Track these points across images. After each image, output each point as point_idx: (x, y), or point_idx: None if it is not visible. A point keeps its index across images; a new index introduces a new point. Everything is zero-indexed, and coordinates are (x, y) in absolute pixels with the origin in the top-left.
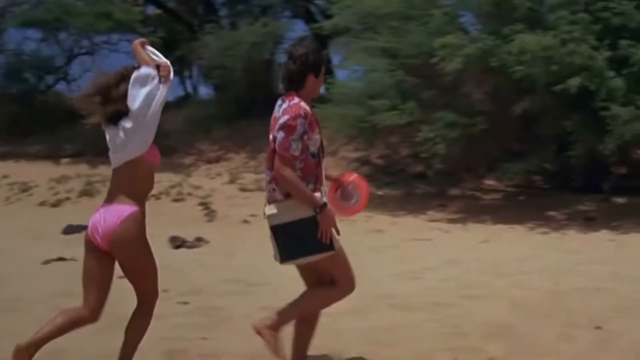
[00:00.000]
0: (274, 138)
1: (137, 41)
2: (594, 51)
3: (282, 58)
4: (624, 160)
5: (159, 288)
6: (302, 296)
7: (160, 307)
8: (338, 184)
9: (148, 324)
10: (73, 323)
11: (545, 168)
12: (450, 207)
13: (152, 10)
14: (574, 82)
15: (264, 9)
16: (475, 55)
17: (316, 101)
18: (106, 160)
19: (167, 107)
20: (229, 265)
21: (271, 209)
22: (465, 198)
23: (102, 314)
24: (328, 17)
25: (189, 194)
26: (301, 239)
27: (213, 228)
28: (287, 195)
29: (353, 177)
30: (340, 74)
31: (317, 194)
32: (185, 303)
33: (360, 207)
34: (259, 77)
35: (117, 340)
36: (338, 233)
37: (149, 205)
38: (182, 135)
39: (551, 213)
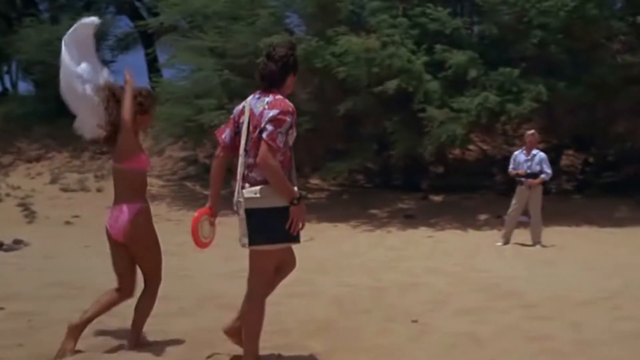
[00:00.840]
0: (261, 129)
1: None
2: (412, 55)
3: (107, 55)
4: (441, 160)
5: None
6: (243, 323)
7: None
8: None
9: (153, 303)
10: (113, 301)
11: (368, 167)
12: None
13: None
14: (392, 84)
15: (87, 4)
16: (300, 55)
17: None
18: None
19: None
20: (49, 268)
21: (250, 193)
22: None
23: (135, 290)
24: (154, 14)
25: (7, 195)
26: (273, 226)
27: (33, 230)
28: (266, 182)
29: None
30: (167, 73)
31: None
32: (1, 309)
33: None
34: None
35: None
36: (303, 227)
37: None
38: (0, 133)
39: (373, 211)
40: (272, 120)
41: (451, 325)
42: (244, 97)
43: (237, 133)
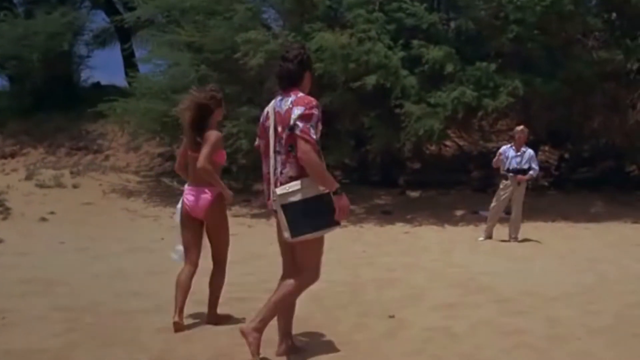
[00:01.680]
0: (292, 127)
1: None
2: (389, 50)
3: (82, 50)
4: (418, 155)
5: None
6: (276, 294)
7: None
8: None
9: (224, 277)
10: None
11: (345, 163)
12: (255, 202)
13: None
14: (371, 79)
15: None
16: (278, 51)
17: (119, 95)
18: None
19: None
20: (24, 265)
21: (283, 189)
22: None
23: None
24: (130, 8)
25: None
26: (310, 215)
27: (8, 226)
28: (298, 177)
29: None
30: (144, 68)
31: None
32: None
33: None
34: (58, 68)
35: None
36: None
37: None
38: None
39: (351, 207)
40: (301, 117)
41: (427, 320)
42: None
43: (266, 137)
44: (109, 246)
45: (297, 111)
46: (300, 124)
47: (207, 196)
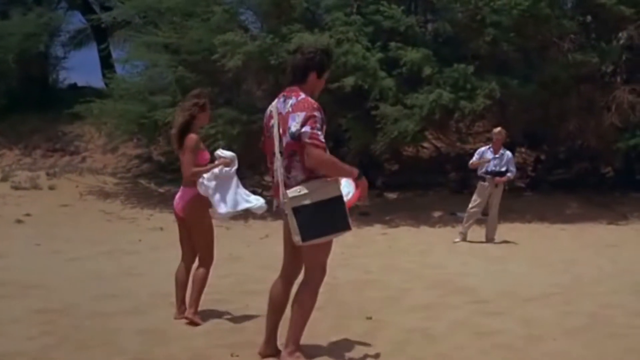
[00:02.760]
0: (299, 134)
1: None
2: (367, 52)
3: (58, 51)
4: (395, 157)
5: None
6: (294, 309)
7: None
8: None
9: (206, 277)
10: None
11: None
12: None
13: None
14: (349, 81)
15: None
16: (255, 52)
17: (95, 96)
18: None
19: None
20: None
21: (294, 192)
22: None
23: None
24: (107, 9)
25: None
26: (321, 219)
27: None
28: (306, 180)
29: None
30: (121, 69)
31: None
32: None
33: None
34: (34, 69)
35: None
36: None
37: None
38: None
39: None
40: (305, 122)
41: (405, 321)
42: None
43: (268, 137)
44: (85, 248)
45: (298, 117)
46: (306, 130)
47: (187, 195)
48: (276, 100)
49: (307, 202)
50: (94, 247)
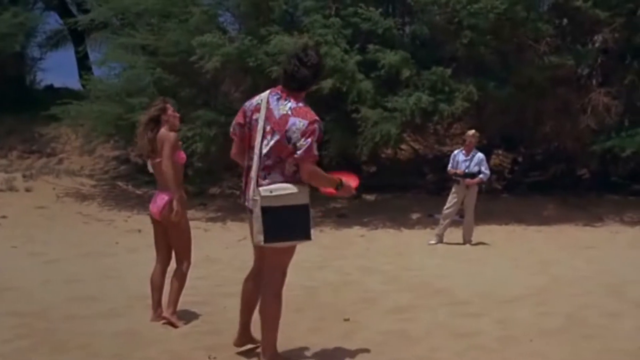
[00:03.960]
0: (295, 143)
1: None
2: (345, 54)
3: (35, 52)
4: (373, 159)
5: None
6: (262, 315)
7: None
8: None
9: (184, 280)
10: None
11: None
12: (211, 206)
13: None
14: (327, 83)
15: None
16: (233, 54)
17: (72, 98)
18: None
19: None
20: None
21: (267, 191)
22: (225, 197)
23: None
24: (84, 10)
25: None
26: (288, 223)
27: None
28: (281, 182)
29: None
30: (98, 71)
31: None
32: None
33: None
34: (9, 70)
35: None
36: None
37: None
38: None
39: None
40: (305, 134)
41: (382, 323)
42: (176, 96)
43: (248, 128)
44: (62, 250)
45: (298, 124)
46: (305, 143)
47: (162, 199)
48: (268, 93)
49: (276, 204)
50: (70, 249)
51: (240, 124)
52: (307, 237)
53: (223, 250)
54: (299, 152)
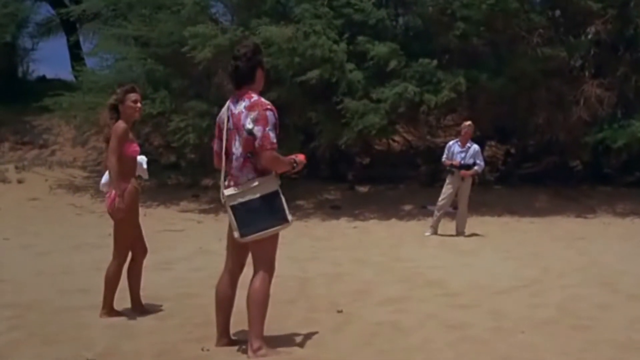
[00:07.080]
0: (250, 132)
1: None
2: (335, 44)
3: (26, 42)
4: (366, 150)
5: None
6: (249, 307)
7: None
8: None
9: (120, 272)
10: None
11: None
12: (203, 197)
13: None
14: (314, 73)
15: None
16: (225, 45)
17: (65, 89)
18: None
19: None
20: None
21: (230, 191)
22: (217, 188)
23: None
24: (76, 1)
25: None
26: (256, 216)
27: None
28: (252, 179)
29: None
30: (90, 61)
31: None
32: None
33: None
34: (1, 61)
35: None
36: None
37: None
38: None
39: (300, 202)
40: (256, 121)
41: (374, 314)
42: (168, 87)
43: (226, 139)
44: (54, 242)
45: (250, 115)
46: (258, 131)
47: (112, 193)
48: (229, 102)
49: (240, 200)
50: (63, 241)
51: (219, 138)
52: (284, 220)
53: (216, 242)
54: (256, 143)
